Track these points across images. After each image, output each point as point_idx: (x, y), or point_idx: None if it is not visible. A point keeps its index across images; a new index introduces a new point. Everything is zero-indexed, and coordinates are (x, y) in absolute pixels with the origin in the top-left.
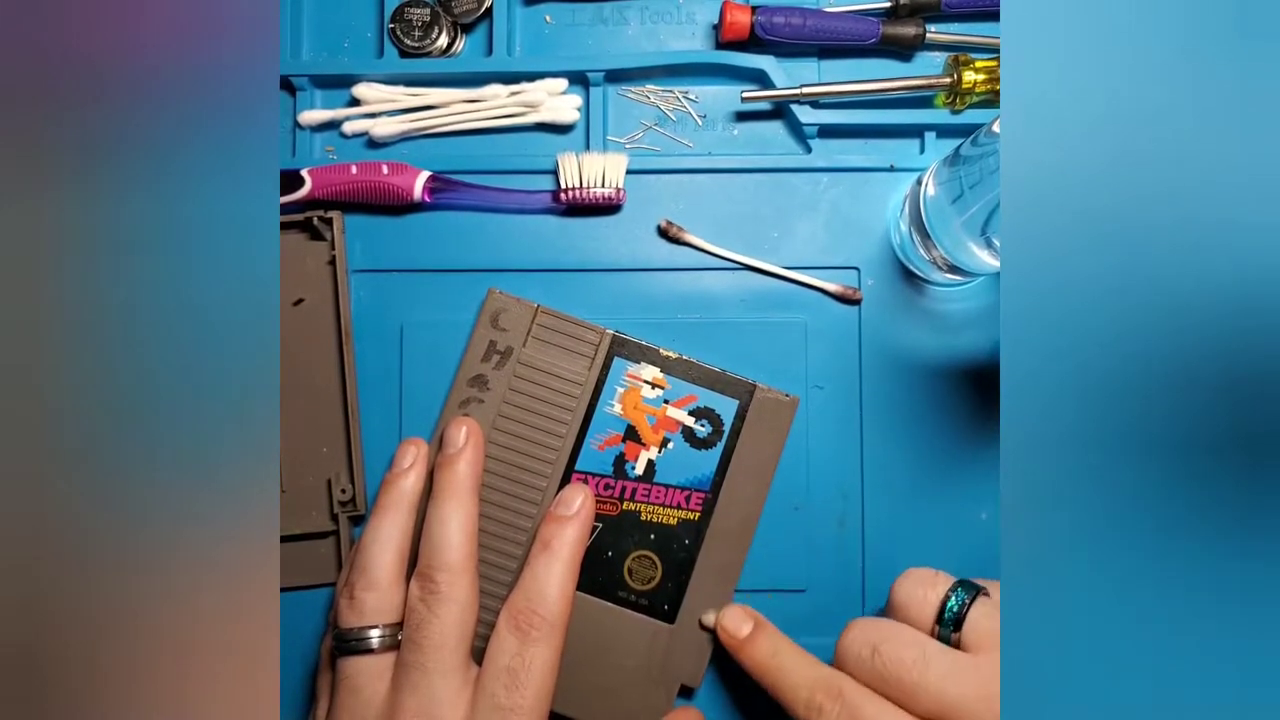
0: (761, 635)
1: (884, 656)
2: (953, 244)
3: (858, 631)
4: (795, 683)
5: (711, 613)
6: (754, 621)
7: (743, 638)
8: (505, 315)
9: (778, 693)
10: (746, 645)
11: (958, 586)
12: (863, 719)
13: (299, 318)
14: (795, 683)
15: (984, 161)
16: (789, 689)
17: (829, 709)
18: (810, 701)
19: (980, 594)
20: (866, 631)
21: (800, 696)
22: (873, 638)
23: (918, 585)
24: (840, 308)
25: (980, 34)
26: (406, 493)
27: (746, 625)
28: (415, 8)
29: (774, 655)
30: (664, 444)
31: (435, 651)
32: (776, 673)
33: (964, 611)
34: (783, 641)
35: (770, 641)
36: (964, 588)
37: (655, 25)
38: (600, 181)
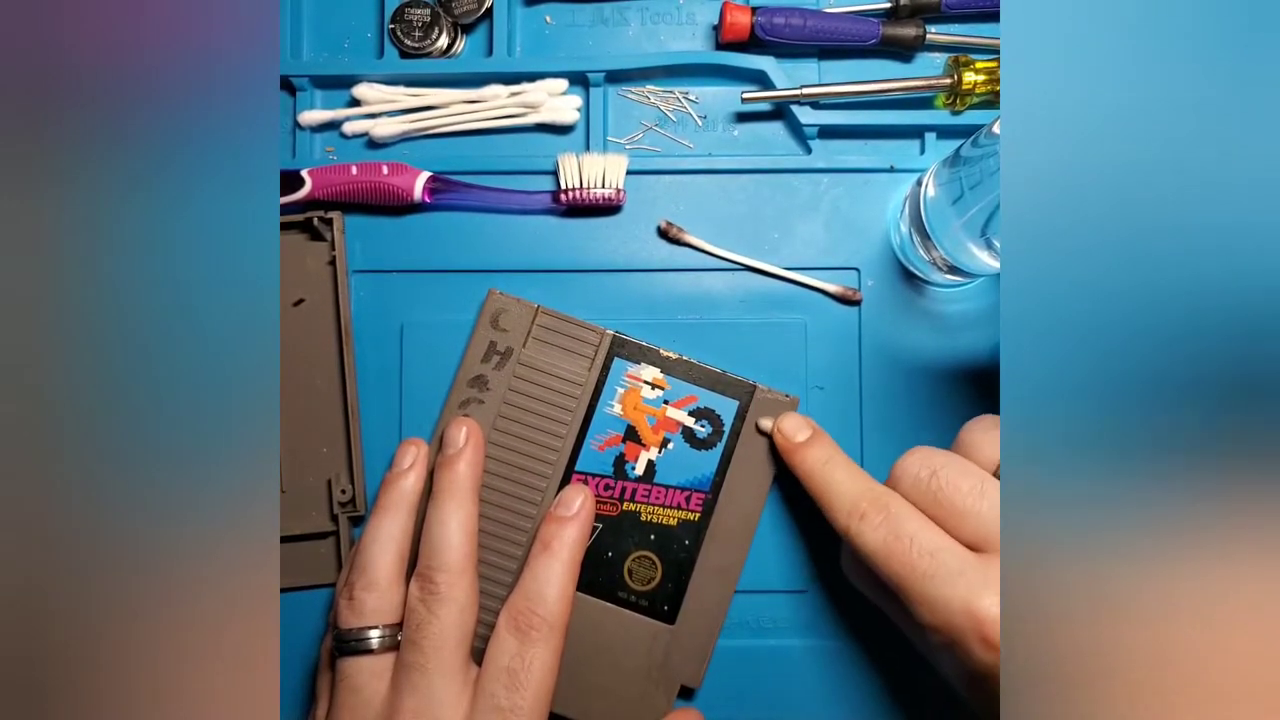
0: (817, 441)
1: (941, 479)
2: (953, 245)
3: (921, 455)
4: (844, 491)
5: (769, 419)
6: (812, 430)
7: (799, 442)
8: (505, 315)
9: (824, 499)
10: (801, 449)
11: None
12: (903, 533)
13: (299, 318)
14: (844, 491)
15: (984, 162)
16: (835, 495)
17: (871, 517)
18: (854, 509)
19: None
20: (930, 457)
21: (845, 504)
22: (934, 462)
23: (990, 427)
24: (840, 308)
25: (980, 35)
26: (406, 493)
27: (804, 432)
28: (415, 8)
29: (826, 462)
30: (664, 444)
31: (435, 652)
32: (826, 480)
33: None
34: (836, 451)
35: (825, 450)
36: None
37: (655, 26)
38: (600, 182)
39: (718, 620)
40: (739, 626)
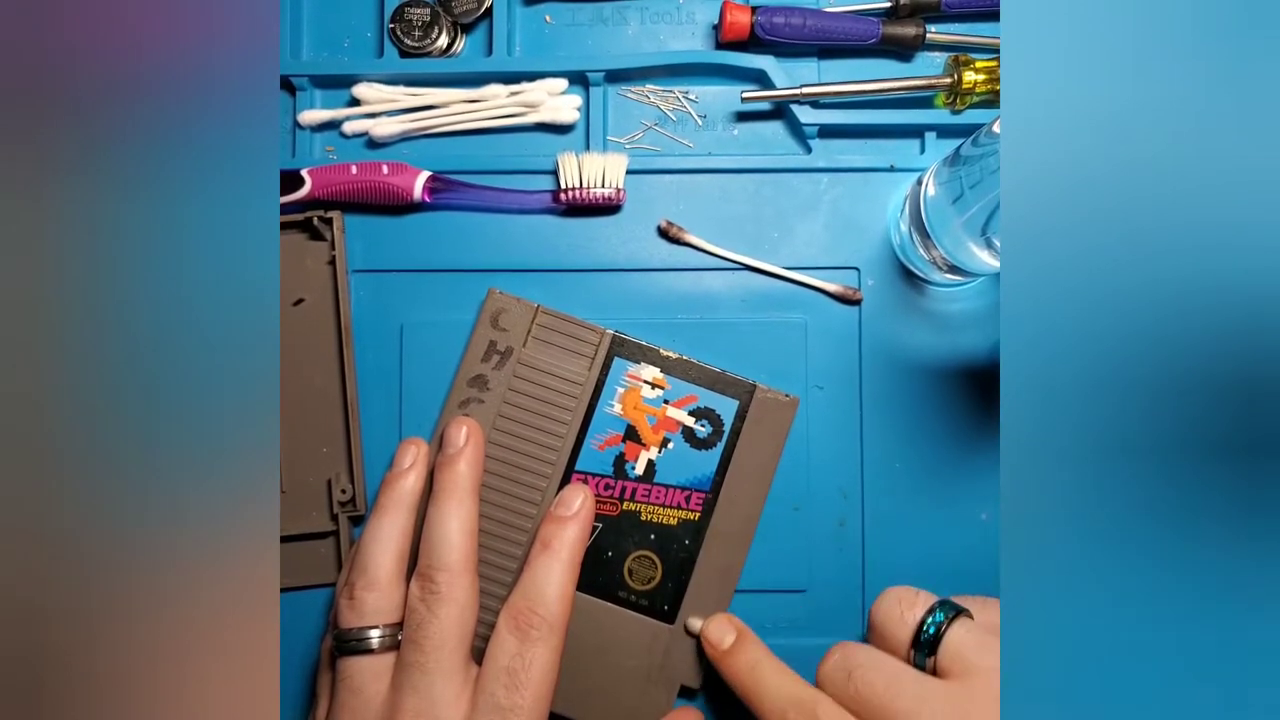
0: (742, 647)
1: (857, 681)
2: (953, 244)
3: (837, 656)
4: (771, 698)
5: (697, 620)
6: (737, 632)
7: (724, 649)
8: (505, 315)
9: (753, 706)
10: (728, 656)
11: (937, 607)
12: None
13: (299, 318)
14: (771, 698)
15: (984, 162)
16: (764, 704)
17: None
18: (782, 717)
19: (961, 614)
20: (844, 656)
21: (775, 713)
22: (849, 663)
23: (895, 605)
24: (840, 308)
25: (980, 34)
26: (406, 493)
27: (730, 636)
28: (415, 8)
29: (753, 669)
30: (664, 444)
31: (435, 652)
32: (754, 686)
33: (941, 633)
34: (763, 655)
35: (750, 654)
36: (943, 608)
37: (655, 25)
38: (600, 181)
39: None
40: None
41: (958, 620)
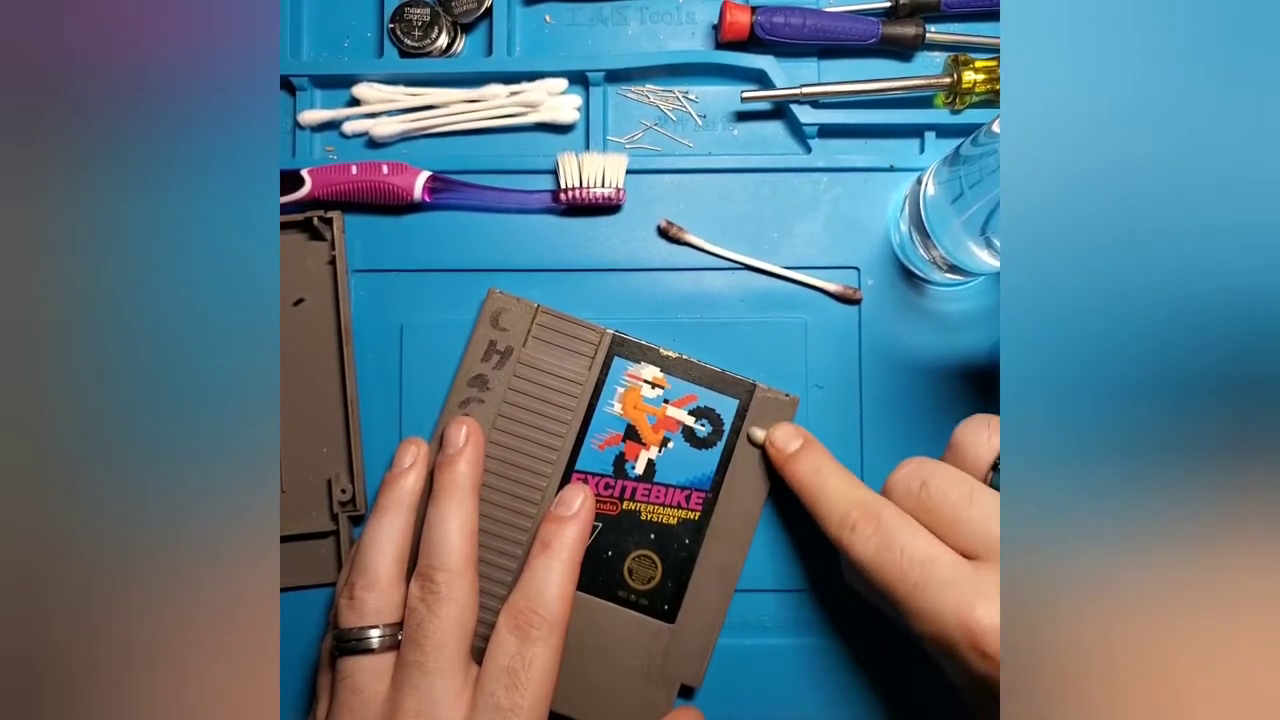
0: (808, 452)
1: (931, 489)
2: (953, 244)
3: (912, 467)
4: (834, 500)
5: (759, 429)
6: (803, 439)
7: (790, 453)
8: (505, 315)
9: (816, 508)
10: (792, 460)
11: None
12: (895, 542)
13: (299, 318)
14: (834, 500)
15: (984, 161)
16: (827, 505)
17: (863, 528)
18: (845, 519)
19: None
20: (920, 467)
21: (836, 514)
22: (924, 473)
23: (982, 429)
24: (840, 308)
25: (980, 34)
26: (406, 492)
27: (795, 441)
28: (415, 8)
29: (818, 472)
30: (664, 444)
31: (435, 651)
32: (818, 489)
33: None
34: (828, 459)
35: (817, 458)
36: None
37: (655, 25)
38: (600, 181)
39: (718, 620)
40: (739, 626)
41: None
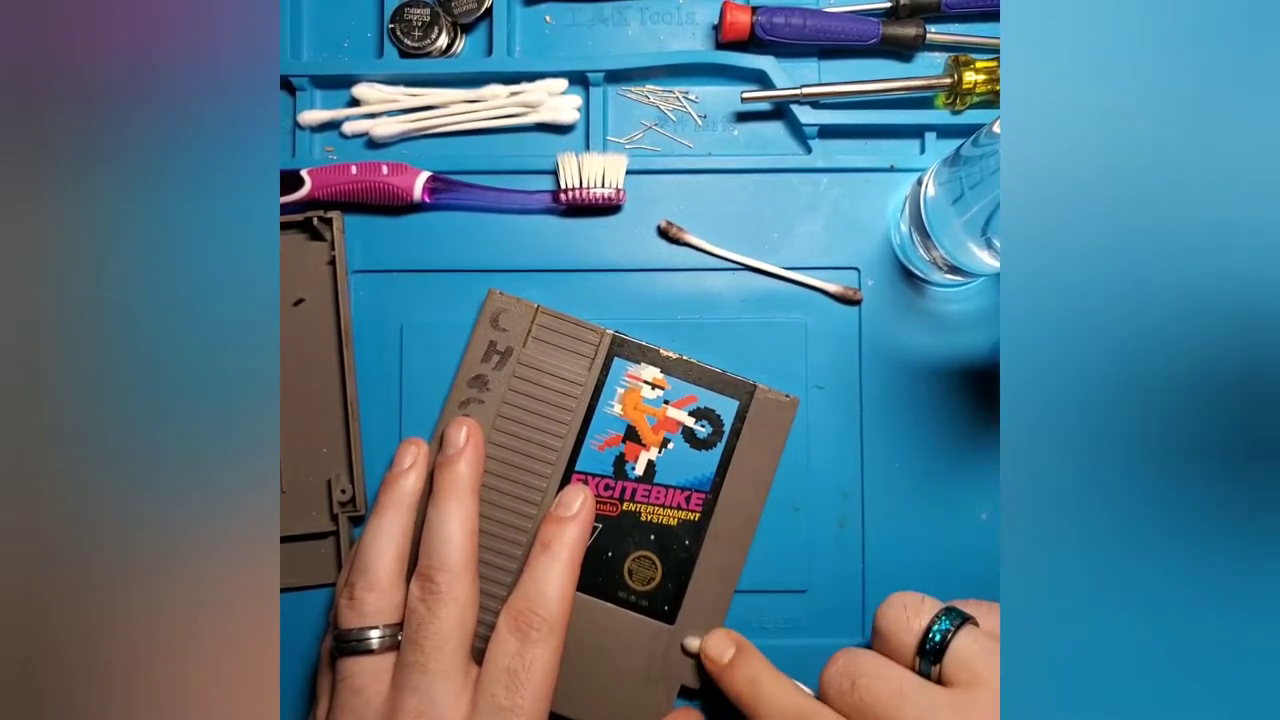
0: (742, 661)
1: (860, 689)
2: (953, 244)
3: (840, 663)
4: (772, 711)
5: (695, 639)
6: (736, 646)
7: (724, 664)
8: (505, 315)
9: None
10: (727, 671)
11: (943, 614)
12: None
13: (299, 318)
14: (772, 711)
15: (984, 162)
16: (765, 716)
17: None
18: None
19: (967, 622)
20: (848, 663)
21: None
22: (852, 670)
23: (901, 611)
24: (840, 308)
25: (980, 34)
26: (407, 493)
27: (729, 651)
28: (415, 8)
29: (752, 682)
30: (664, 444)
31: (436, 652)
32: (755, 700)
33: (947, 640)
34: (763, 667)
35: (750, 667)
36: (949, 615)
37: (655, 25)
38: (600, 182)
39: (718, 620)
40: (739, 626)
41: (964, 628)
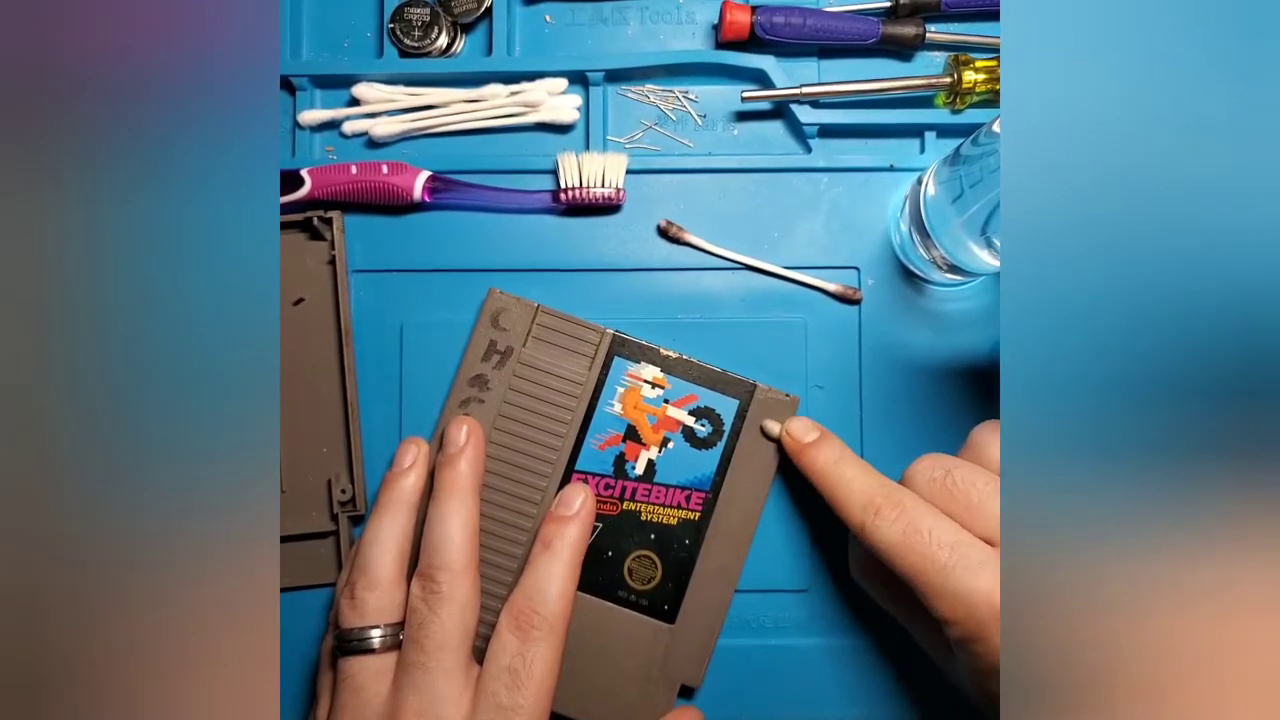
0: (826, 442)
1: (955, 477)
2: (953, 244)
3: (934, 458)
4: (856, 488)
5: (774, 423)
6: (819, 431)
7: (807, 443)
8: (505, 315)
9: (836, 497)
10: (810, 449)
11: None
12: (921, 526)
13: (299, 318)
14: (856, 488)
15: (984, 161)
16: (848, 493)
17: (887, 513)
18: (869, 505)
19: None
20: (943, 459)
21: (858, 500)
22: (948, 463)
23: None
24: (840, 307)
25: (980, 34)
26: (407, 492)
27: (812, 433)
28: (415, 7)
29: (837, 461)
30: (664, 444)
31: (437, 651)
32: (837, 479)
33: None
34: (847, 451)
35: (835, 449)
36: None
37: (655, 25)
38: (600, 181)
39: (718, 620)
40: (739, 626)
41: None
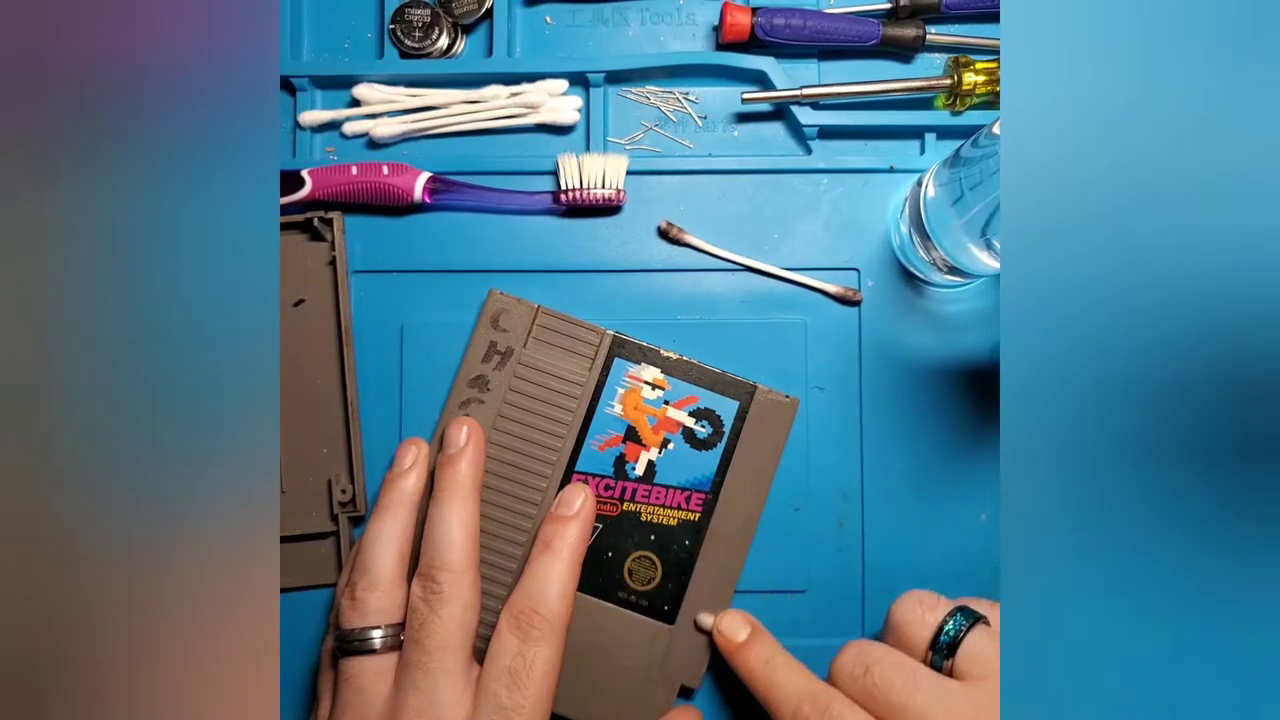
0: (757, 642)
1: (874, 676)
2: (953, 245)
3: (853, 652)
4: (786, 694)
5: (708, 615)
6: (751, 628)
7: (739, 643)
8: (506, 316)
9: (768, 701)
10: (741, 650)
11: (956, 612)
12: None
13: (299, 318)
14: (786, 694)
15: (984, 163)
16: (779, 699)
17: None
18: (797, 712)
19: (979, 621)
20: (861, 652)
21: (788, 707)
22: (866, 659)
23: (915, 607)
24: (840, 309)
25: (980, 35)
26: (407, 492)
27: (744, 631)
28: (415, 8)
29: (767, 663)
30: (664, 445)
31: (437, 652)
32: (768, 681)
33: (960, 637)
34: (777, 650)
35: (765, 649)
36: (963, 614)
37: (655, 26)
38: (600, 182)
39: None
40: None
41: (976, 626)
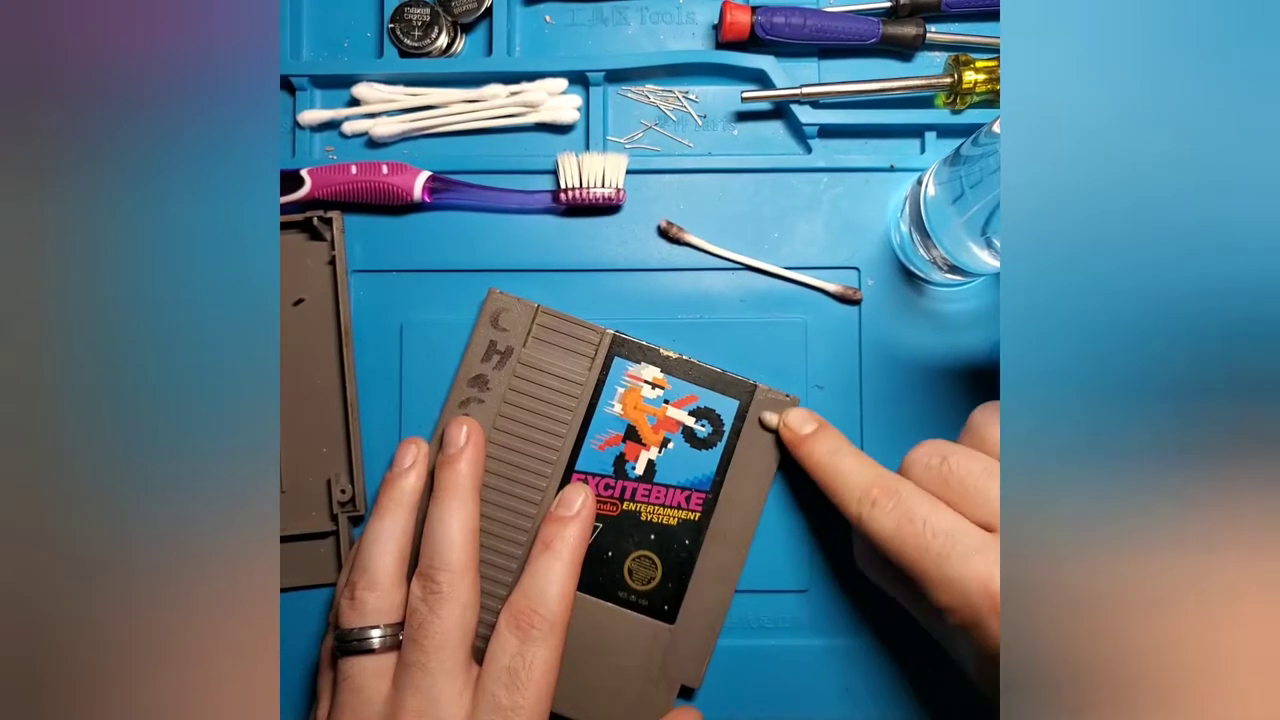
0: (824, 434)
1: (951, 464)
2: (953, 244)
3: (930, 445)
4: (854, 480)
5: (772, 414)
6: (817, 423)
7: (805, 434)
8: (505, 315)
9: (833, 488)
10: (808, 441)
11: None
12: (916, 515)
13: (299, 318)
14: (854, 480)
15: (984, 161)
16: (844, 483)
17: (883, 503)
18: (865, 495)
19: None
20: (939, 445)
21: (855, 490)
22: (945, 450)
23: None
24: (840, 308)
25: (980, 34)
26: (407, 492)
27: (810, 424)
28: (415, 7)
29: (834, 453)
30: (664, 444)
31: (437, 651)
32: (834, 470)
33: None
34: (844, 442)
35: (832, 440)
36: None
37: (655, 25)
38: (600, 181)
39: (718, 620)
40: (739, 626)
41: None
